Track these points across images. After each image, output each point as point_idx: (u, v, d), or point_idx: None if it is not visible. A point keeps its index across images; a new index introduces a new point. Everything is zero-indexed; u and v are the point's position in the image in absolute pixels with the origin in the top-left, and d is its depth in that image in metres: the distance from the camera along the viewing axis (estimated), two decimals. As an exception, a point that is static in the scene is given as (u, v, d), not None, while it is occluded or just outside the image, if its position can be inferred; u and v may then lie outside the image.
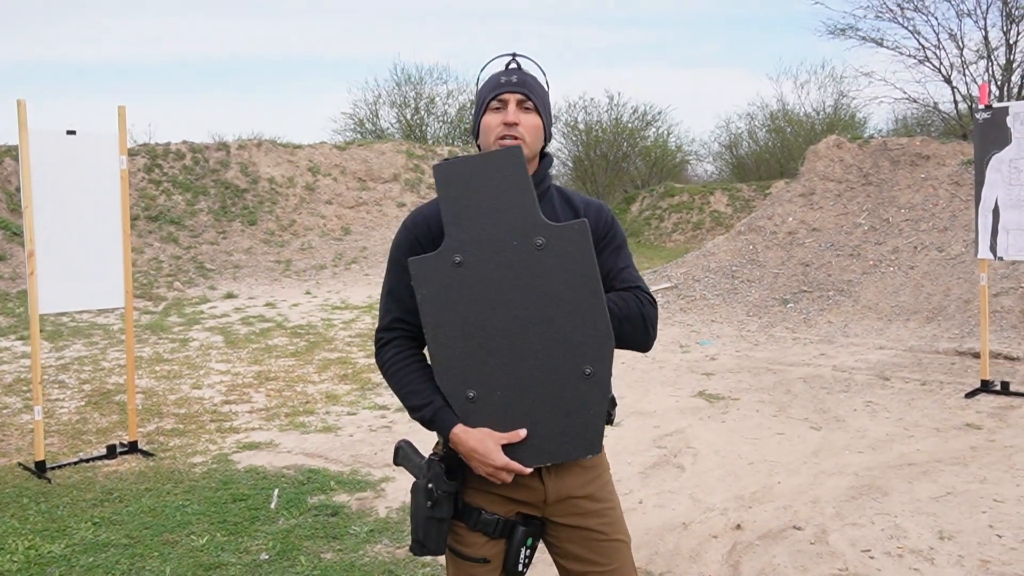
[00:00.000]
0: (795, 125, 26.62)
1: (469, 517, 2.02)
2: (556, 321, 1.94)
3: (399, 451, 2.14)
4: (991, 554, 3.78)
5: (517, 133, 1.98)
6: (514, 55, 2.08)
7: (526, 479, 2.01)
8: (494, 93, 2.01)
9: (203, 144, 17.91)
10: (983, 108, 6.59)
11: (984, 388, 6.61)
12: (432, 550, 2.01)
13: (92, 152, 5.39)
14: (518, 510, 2.05)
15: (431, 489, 1.98)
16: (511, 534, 2.03)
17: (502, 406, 1.96)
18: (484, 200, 1.95)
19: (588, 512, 2.07)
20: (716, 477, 4.91)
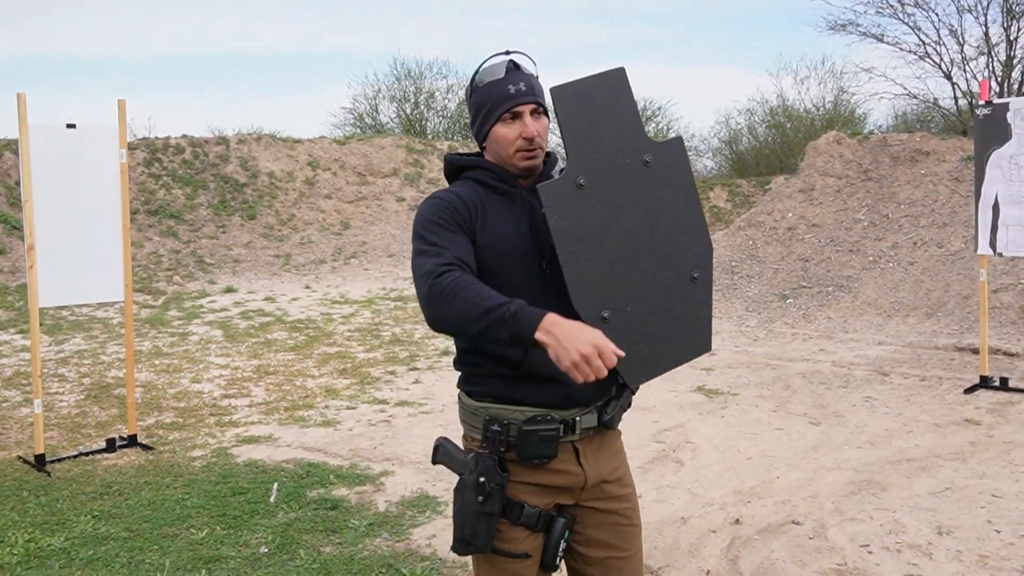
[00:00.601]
0: (795, 121, 26.58)
1: (512, 512, 1.99)
2: (664, 233, 2.04)
3: (439, 449, 2.09)
4: (989, 549, 3.79)
5: (536, 145, 2.01)
6: (509, 53, 2.05)
7: (564, 464, 2.01)
8: (507, 105, 1.99)
9: (202, 138, 17.90)
10: (983, 104, 6.59)
11: (983, 384, 6.61)
12: (479, 548, 1.97)
13: (92, 146, 5.39)
14: (556, 501, 2.05)
15: (483, 483, 1.95)
16: (550, 527, 2.03)
17: (631, 322, 2.00)
18: (597, 121, 2.00)
19: (616, 497, 2.10)
20: (715, 472, 4.92)
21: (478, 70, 2.05)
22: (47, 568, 3.75)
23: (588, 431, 2.04)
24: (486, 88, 2.03)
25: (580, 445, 2.04)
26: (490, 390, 2.02)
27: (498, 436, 1.98)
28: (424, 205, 2.03)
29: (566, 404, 2.00)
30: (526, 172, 2.05)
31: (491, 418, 2.00)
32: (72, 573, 3.69)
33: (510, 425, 1.97)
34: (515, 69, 2.03)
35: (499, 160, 2.06)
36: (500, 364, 1.99)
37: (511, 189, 2.05)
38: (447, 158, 2.15)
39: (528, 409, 1.98)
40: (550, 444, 1.96)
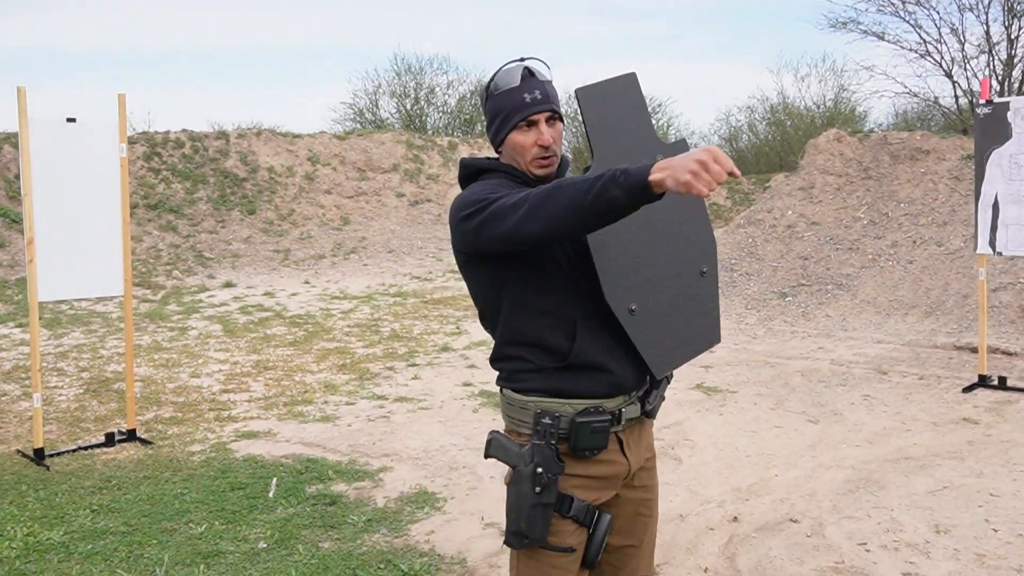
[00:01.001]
0: (795, 118, 26.57)
1: (562, 505, 2.01)
2: (676, 229, 2.14)
3: (493, 442, 2.09)
4: (987, 548, 3.80)
5: (552, 152, 2.05)
6: (523, 60, 2.08)
7: (611, 455, 2.06)
8: (523, 114, 2.02)
9: (202, 133, 17.88)
10: (984, 103, 6.59)
11: (981, 383, 6.62)
12: (534, 540, 1.98)
13: (92, 140, 5.39)
14: (603, 494, 2.07)
15: (540, 474, 1.96)
16: (596, 522, 2.05)
17: (655, 314, 2.09)
18: (617, 121, 2.11)
19: (644, 487, 2.18)
20: (713, 470, 4.93)
21: (493, 77, 2.08)
22: (46, 562, 3.75)
23: (631, 421, 2.09)
24: (502, 96, 2.06)
25: (623, 435, 2.09)
26: (538, 384, 2.03)
27: (549, 429, 1.99)
28: (460, 196, 2.04)
29: (612, 392, 2.04)
30: (541, 178, 2.08)
31: (542, 411, 2.01)
32: (71, 567, 3.70)
33: (561, 418, 1.99)
34: (530, 76, 2.05)
35: (516, 165, 2.10)
36: (547, 356, 2.02)
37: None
38: (464, 161, 2.17)
39: (578, 402, 2.01)
40: (602, 436, 2.00)
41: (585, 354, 1.99)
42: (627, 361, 2.05)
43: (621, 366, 2.04)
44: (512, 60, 2.09)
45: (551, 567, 2.02)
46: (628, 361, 2.05)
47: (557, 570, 2.02)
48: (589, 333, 2.01)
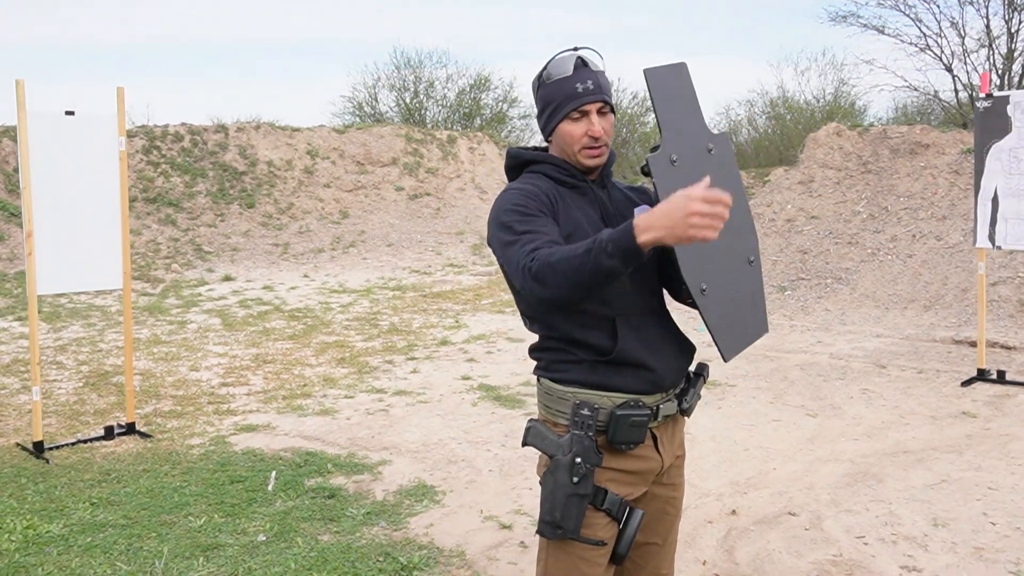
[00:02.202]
0: (795, 112, 26.56)
1: (596, 497, 2.00)
2: (728, 218, 2.08)
3: (531, 430, 2.07)
4: (985, 541, 3.80)
5: (603, 142, 2.04)
6: (577, 49, 2.06)
7: (645, 450, 2.06)
8: (575, 104, 2.01)
9: (201, 126, 17.85)
10: (984, 97, 6.58)
11: (980, 377, 6.63)
12: (568, 531, 1.96)
13: (90, 133, 5.38)
14: (635, 490, 2.07)
15: (579, 464, 1.95)
16: (628, 517, 2.04)
17: (722, 296, 2.11)
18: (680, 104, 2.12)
19: (672, 484, 2.18)
20: (712, 463, 4.93)
21: (547, 65, 2.07)
22: (45, 555, 3.76)
23: (668, 418, 2.10)
24: (554, 84, 2.04)
25: (658, 432, 2.10)
26: (578, 376, 2.03)
27: (587, 420, 1.98)
28: (503, 196, 2.04)
29: (652, 389, 2.04)
30: (591, 169, 2.08)
31: (581, 402, 1.99)
32: (70, 560, 3.70)
33: (600, 410, 1.99)
34: (583, 66, 2.04)
35: (565, 155, 2.08)
36: (589, 351, 2.02)
37: (581, 183, 2.09)
38: (511, 151, 2.17)
39: (617, 395, 2.01)
40: (640, 430, 2.00)
41: (628, 351, 2.00)
42: (667, 360, 2.07)
43: (662, 364, 2.05)
44: (566, 49, 2.07)
45: (580, 559, 1.99)
46: (668, 360, 2.07)
47: (586, 563, 2.00)
48: (630, 331, 2.02)
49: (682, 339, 2.16)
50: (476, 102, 27.81)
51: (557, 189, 2.06)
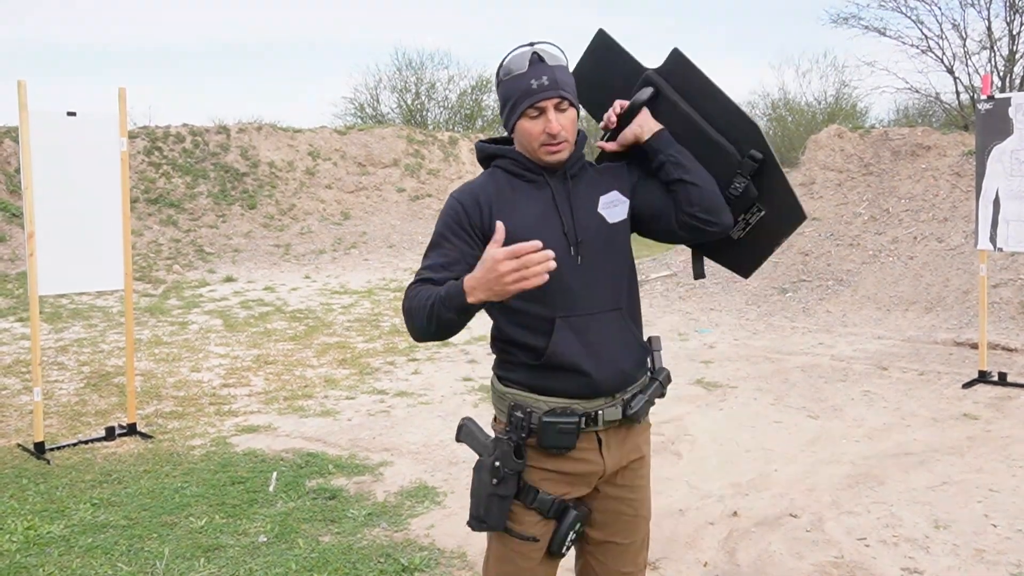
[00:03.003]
0: (796, 114, 26.56)
1: (527, 496, 2.04)
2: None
3: (463, 428, 2.14)
4: (986, 543, 3.80)
5: (561, 139, 2.02)
6: (533, 44, 2.04)
7: (586, 453, 2.05)
8: (530, 101, 1.98)
9: (203, 127, 17.86)
10: (985, 99, 6.58)
11: (981, 379, 6.62)
12: (492, 526, 2.03)
13: (92, 134, 5.38)
14: (573, 489, 2.08)
15: (498, 467, 2.00)
16: (562, 516, 2.06)
17: None
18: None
19: (627, 486, 2.15)
20: (713, 465, 4.93)
21: (503, 61, 2.05)
22: (46, 555, 3.76)
23: (613, 423, 2.07)
24: (511, 81, 2.03)
25: (604, 436, 2.08)
26: (518, 377, 2.06)
27: (521, 422, 2.02)
28: (446, 203, 2.08)
29: (589, 394, 2.03)
30: (551, 165, 2.06)
31: (516, 404, 2.04)
32: (71, 560, 3.70)
33: (532, 413, 2.01)
34: (539, 62, 2.01)
35: (526, 152, 2.07)
36: (525, 353, 2.04)
37: (537, 178, 2.07)
38: (478, 145, 2.18)
39: (552, 400, 2.02)
40: (568, 436, 2.00)
41: (560, 355, 1.99)
42: (608, 363, 2.03)
43: (600, 368, 2.02)
44: (523, 44, 2.04)
45: (515, 552, 2.06)
46: (609, 363, 2.04)
47: (520, 556, 2.06)
48: (570, 333, 2.00)
49: (632, 340, 2.11)
50: (478, 103, 27.83)
51: (511, 183, 2.07)
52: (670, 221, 2.11)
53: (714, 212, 2.09)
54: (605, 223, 2.07)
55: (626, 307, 2.10)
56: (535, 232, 1.98)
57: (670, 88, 2.18)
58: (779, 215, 2.18)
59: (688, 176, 2.08)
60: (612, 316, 2.06)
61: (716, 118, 2.16)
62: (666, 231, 2.14)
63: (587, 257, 2.03)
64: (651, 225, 2.15)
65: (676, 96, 2.17)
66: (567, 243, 2.02)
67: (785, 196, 2.17)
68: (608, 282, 2.07)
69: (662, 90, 2.17)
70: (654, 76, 2.19)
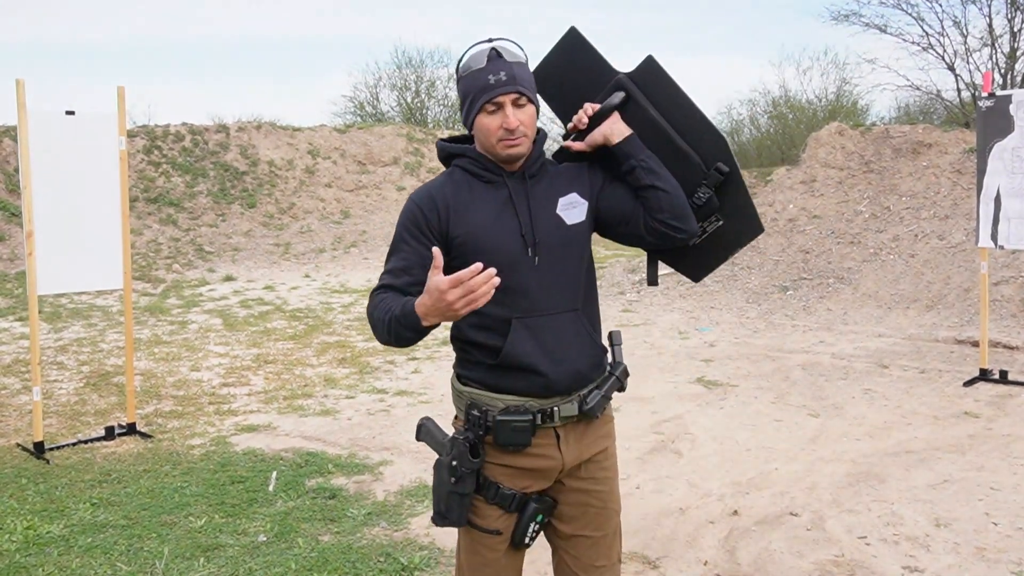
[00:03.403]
0: (797, 112, 26.54)
1: (487, 491, 2.08)
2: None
3: (422, 428, 2.19)
4: (987, 541, 3.79)
5: (519, 134, 2.02)
6: (492, 41, 2.05)
7: (544, 449, 2.08)
8: (487, 96, 1.99)
9: (202, 126, 17.85)
10: (986, 96, 6.56)
11: (983, 377, 6.61)
12: (453, 522, 2.08)
13: (91, 133, 5.37)
14: (534, 486, 2.11)
15: (455, 466, 2.04)
16: (523, 509, 2.10)
17: None
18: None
19: (593, 479, 2.17)
20: (713, 463, 4.92)
21: (462, 58, 2.07)
22: (46, 555, 3.75)
23: (570, 419, 2.10)
24: (469, 77, 2.04)
25: (562, 431, 2.10)
26: (476, 376, 2.09)
27: (478, 420, 2.06)
28: (404, 206, 2.12)
29: (544, 393, 2.06)
30: (510, 160, 2.07)
31: (472, 403, 2.08)
32: (71, 560, 3.69)
33: (488, 412, 2.05)
34: (497, 57, 2.02)
35: (485, 148, 2.08)
36: (482, 352, 2.07)
37: (495, 178, 2.08)
38: (438, 144, 2.20)
39: (508, 398, 2.05)
40: (523, 434, 2.04)
41: (516, 356, 2.02)
42: (565, 364, 2.06)
43: (556, 368, 2.05)
44: (481, 40, 2.06)
45: (480, 544, 2.12)
46: (566, 364, 2.06)
47: (485, 548, 2.12)
48: (526, 333, 2.03)
49: (589, 340, 2.13)
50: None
51: (470, 183, 2.09)
52: (638, 226, 2.13)
53: (682, 219, 2.12)
54: (563, 224, 2.09)
55: (583, 308, 2.12)
56: (492, 234, 2.02)
57: (641, 94, 2.20)
58: (738, 227, 2.24)
59: (659, 183, 2.10)
60: (569, 317, 2.09)
61: (685, 128, 2.19)
62: (633, 235, 2.17)
63: (544, 258, 2.05)
64: (618, 229, 2.18)
65: (647, 102, 2.19)
66: (524, 244, 2.04)
67: (745, 209, 2.22)
68: (565, 283, 2.09)
69: (633, 95, 2.19)
70: (626, 81, 2.21)
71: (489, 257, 1.98)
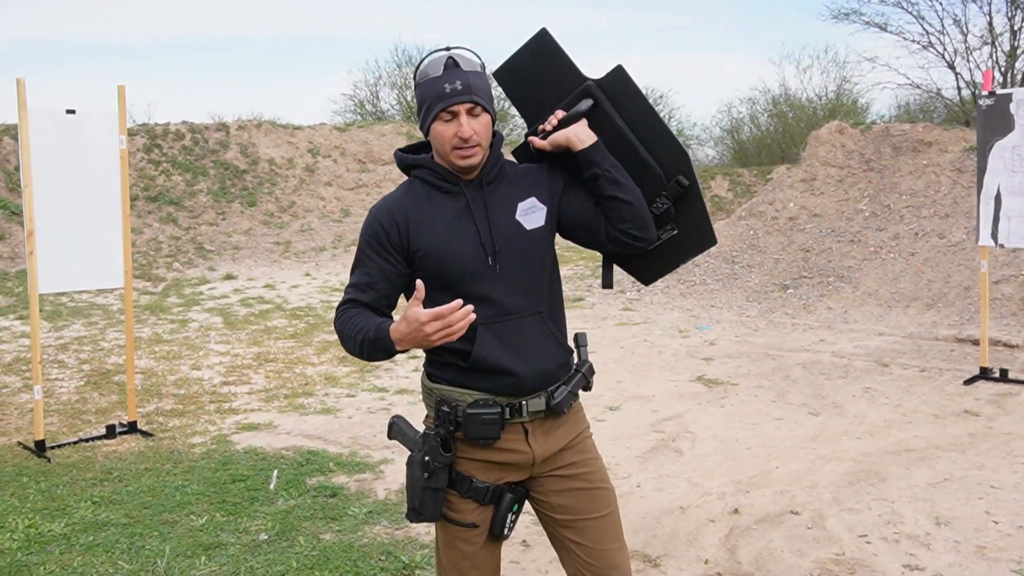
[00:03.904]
0: (797, 110, 26.50)
1: (461, 485, 2.11)
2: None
3: (393, 426, 2.22)
4: (987, 540, 3.79)
5: (473, 143, 2.05)
6: (449, 49, 2.08)
7: (513, 443, 2.11)
8: (442, 104, 2.02)
9: (202, 124, 17.85)
10: (986, 95, 6.56)
11: (983, 375, 6.61)
12: (428, 517, 2.11)
13: (92, 132, 5.38)
14: (507, 478, 2.15)
15: (428, 462, 2.06)
16: (499, 500, 2.14)
17: None
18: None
19: (574, 463, 2.18)
20: (714, 462, 4.92)
21: (418, 66, 2.10)
22: (47, 554, 3.75)
23: (537, 414, 2.13)
24: (425, 85, 2.07)
25: (530, 426, 2.14)
26: (445, 374, 2.13)
27: (448, 416, 2.10)
28: (365, 222, 2.16)
29: (512, 392, 2.10)
30: (465, 169, 2.10)
31: (442, 399, 2.12)
32: (72, 559, 3.70)
33: (457, 407, 2.09)
34: (454, 67, 2.05)
35: (440, 154, 2.11)
36: (452, 356, 2.10)
37: (453, 188, 2.12)
38: (396, 155, 2.23)
39: (475, 393, 2.09)
40: (492, 427, 2.07)
41: (485, 359, 2.06)
42: (532, 364, 2.10)
43: (525, 368, 2.08)
44: (439, 48, 2.09)
45: (457, 538, 2.15)
46: (533, 364, 2.10)
47: (462, 541, 2.15)
48: (492, 338, 2.07)
49: (554, 342, 2.16)
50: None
51: (429, 194, 2.12)
52: (599, 233, 2.18)
53: (643, 228, 2.17)
54: (523, 230, 2.12)
55: (547, 311, 2.16)
56: (453, 244, 2.06)
57: (608, 102, 2.22)
58: (692, 238, 2.30)
59: (622, 194, 2.13)
60: (533, 320, 2.12)
61: (648, 139, 2.22)
62: (594, 241, 2.21)
63: (505, 265, 2.08)
64: (578, 234, 2.23)
65: (613, 111, 2.22)
66: (484, 253, 2.07)
67: (701, 222, 2.27)
68: (528, 288, 2.12)
69: (600, 103, 2.21)
70: (594, 88, 2.23)
71: (450, 267, 2.05)
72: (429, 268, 2.06)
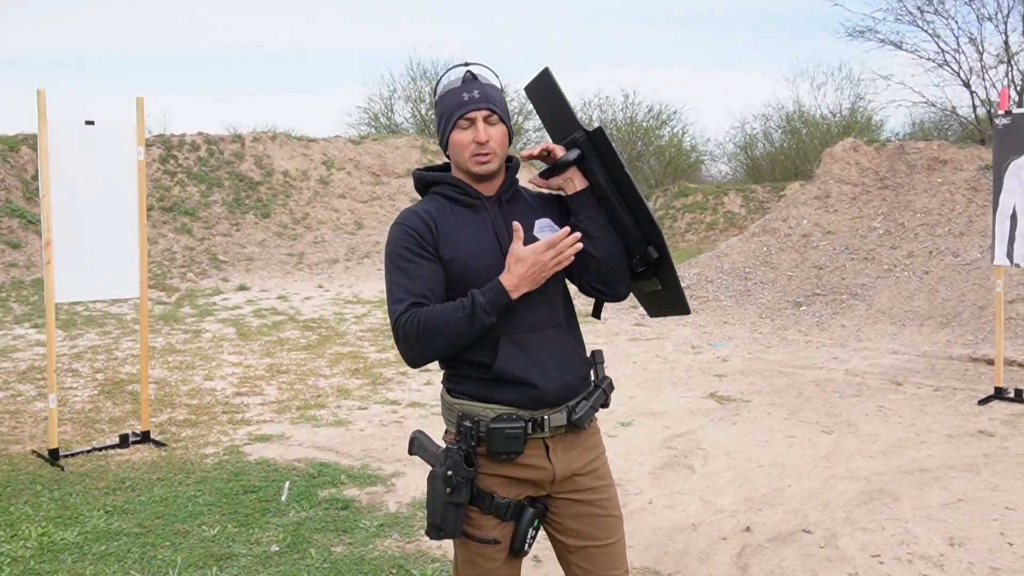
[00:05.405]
0: (811, 127, 26.51)
1: (482, 501, 2.11)
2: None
3: (414, 441, 2.23)
4: (1002, 562, 3.76)
5: (489, 149, 2.10)
6: (468, 65, 2.14)
7: (534, 459, 2.12)
8: (460, 112, 2.08)
9: (218, 136, 17.98)
10: (1003, 113, 6.55)
11: (998, 395, 6.57)
12: (449, 534, 2.11)
13: (110, 142, 5.42)
14: (527, 493, 2.16)
15: (450, 476, 2.07)
16: (520, 516, 2.14)
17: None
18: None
19: (590, 488, 2.20)
20: (726, 479, 4.90)
21: (438, 81, 2.17)
22: (60, 562, 3.77)
23: (558, 429, 2.14)
24: (445, 96, 2.14)
25: (551, 442, 2.15)
26: (466, 389, 2.14)
27: (470, 431, 2.10)
28: (392, 231, 2.15)
29: (535, 405, 2.11)
30: (482, 176, 2.13)
31: (463, 414, 2.11)
32: (84, 568, 3.71)
33: (480, 422, 2.09)
34: (472, 79, 2.12)
35: (458, 165, 2.15)
36: (474, 368, 2.12)
37: (475, 202, 2.16)
38: (415, 174, 2.26)
39: (498, 407, 2.09)
40: (515, 441, 2.07)
41: (508, 370, 2.07)
42: (554, 376, 2.11)
43: (546, 380, 2.10)
44: (458, 64, 2.17)
45: (477, 554, 2.15)
46: (555, 376, 2.11)
47: (483, 558, 2.15)
48: (515, 349, 2.09)
49: (575, 354, 2.19)
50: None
51: (452, 208, 2.15)
52: (573, 277, 2.23)
53: (611, 285, 2.21)
54: None
55: (565, 324, 2.19)
56: (478, 254, 2.10)
57: (595, 157, 2.23)
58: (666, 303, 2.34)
59: (592, 248, 2.15)
60: (554, 332, 2.16)
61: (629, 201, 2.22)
62: (573, 281, 2.26)
63: None
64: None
65: (599, 167, 2.22)
66: (488, 276, 2.09)
67: (673, 290, 2.28)
68: (547, 301, 2.15)
69: (587, 159, 2.21)
70: (584, 143, 2.21)
71: (474, 277, 2.08)
72: (452, 276, 2.09)
